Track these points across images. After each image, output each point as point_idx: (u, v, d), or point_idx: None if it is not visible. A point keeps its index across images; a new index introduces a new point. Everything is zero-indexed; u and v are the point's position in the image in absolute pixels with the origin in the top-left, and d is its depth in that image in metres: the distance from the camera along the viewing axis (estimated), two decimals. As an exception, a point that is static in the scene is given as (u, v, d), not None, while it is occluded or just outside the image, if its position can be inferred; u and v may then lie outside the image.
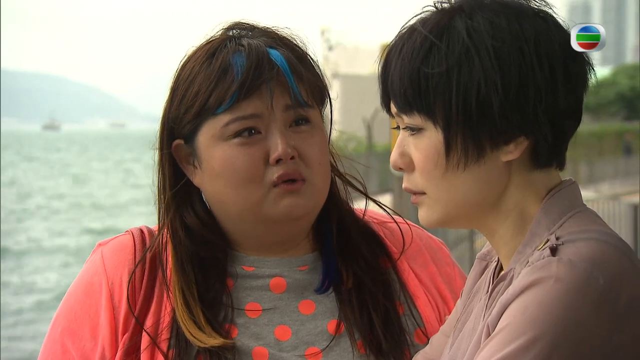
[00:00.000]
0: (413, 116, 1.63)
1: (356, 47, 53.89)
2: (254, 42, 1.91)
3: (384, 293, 1.97)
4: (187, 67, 1.92)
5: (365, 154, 31.62)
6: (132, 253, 1.97)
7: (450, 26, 1.61)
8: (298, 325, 1.94)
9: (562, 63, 1.61)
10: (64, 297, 1.99)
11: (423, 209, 1.67)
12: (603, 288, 1.51)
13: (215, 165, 1.89)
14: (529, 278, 1.53)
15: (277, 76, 1.88)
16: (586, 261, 1.52)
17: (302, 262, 1.98)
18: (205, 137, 1.90)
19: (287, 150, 1.87)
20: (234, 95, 1.86)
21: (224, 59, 1.88)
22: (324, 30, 57.16)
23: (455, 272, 2.09)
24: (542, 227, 1.62)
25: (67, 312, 1.96)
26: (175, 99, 1.92)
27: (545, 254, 1.55)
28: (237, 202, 1.89)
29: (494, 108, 1.58)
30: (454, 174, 1.62)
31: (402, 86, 1.63)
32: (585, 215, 1.64)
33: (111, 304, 1.93)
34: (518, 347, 1.49)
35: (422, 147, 1.64)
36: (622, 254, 1.56)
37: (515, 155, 1.62)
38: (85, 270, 1.99)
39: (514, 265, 1.63)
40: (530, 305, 1.51)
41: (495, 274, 1.74)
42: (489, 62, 1.58)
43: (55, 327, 1.97)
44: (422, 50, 1.61)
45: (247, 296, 1.95)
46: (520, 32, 1.60)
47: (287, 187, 1.88)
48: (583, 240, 1.56)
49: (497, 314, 1.57)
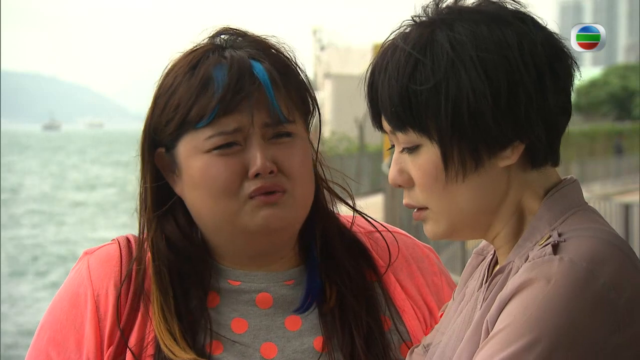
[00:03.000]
0: (408, 133, 1.64)
1: (348, 47, 53.89)
2: (237, 53, 1.88)
3: (368, 309, 1.95)
4: (169, 77, 1.90)
5: (357, 154, 31.60)
6: (118, 264, 1.94)
7: (433, 40, 1.61)
8: (284, 342, 1.91)
9: (547, 63, 1.62)
10: (49, 306, 1.97)
11: (428, 224, 1.68)
12: (603, 288, 1.51)
13: (194, 175, 1.87)
14: (529, 274, 1.54)
15: (258, 91, 1.85)
16: (587, 261, 1.52)
17: (288, 276, 1.96)
18: (186, 147, 1.88)
19: (265, 165, 1.85)
20: (215, 110, 1.84)
21: (205, 72, 1.86)
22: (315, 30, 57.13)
23: (443, 280, 2.06)
24: (543, 222, 1.63)
25: (52, 322, 1.94)
26: (157, 108, 1.90)
27: (547, 251, 1.55)
28: (215, 213, 1.87)
29: (486, 117, 1.59)
30: (454, 186, 1.63)
31: (392, 105, 1.63)
32: (587, 213, 1.64)
33: (96, 316, 1.91)
34: (518, 349, 1.50)
35: (420, 163, 1.64)
36: (622, 253, 1.57)
37: (512, 160, 1.63)
38: (71, 280, 1.97)
39: (513, 258, 1.63)
40: (530, 305, 1.52)
41: (491, 266, 1.74)
42: (476, 72, 1.59)
43: (41, 336, 1.95)
44: (407, 67, 1.61)
45: (233, 311, 1.93)
46: (502, 38, 1.60)
47: (264, 198, 1.86)
48: (584, 238, 1.56)
49: (496, 310, 1.57)
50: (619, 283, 1.52)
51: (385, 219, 15.47)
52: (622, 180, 32.75)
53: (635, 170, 31.60)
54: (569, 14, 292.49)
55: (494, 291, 1.63)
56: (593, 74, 61.94)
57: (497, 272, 1.66)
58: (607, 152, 37.60)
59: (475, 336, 1.62)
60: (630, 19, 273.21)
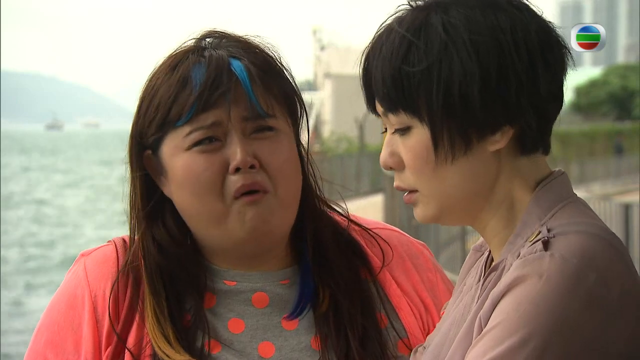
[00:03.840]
0: (399, 115, 1.65)
1: (348, 47, 53.85)
2: (216, 52, 1.89)
3: (363, 309, 1.95)
4: (152, 80, 1.92)
5: (357, 154, 31.60)
6: (115, 265, 1.94)
7: (427, 23, 1.63)
8: (282, 341, 1.92)
9: (540, 50, 1.63)
10: (46, 308, 1.97)
11: (418, 206, 1.69)
12: (594, 284, 1.52)
13: (178, 174, 1.88)
14: (521, 271, 1.55)
15: (235, 87, 1.86)
16: (577, 257, 1.53)
17: (283, 275, 1.96)
18: (169, 147, 1.88)
19: (245, 159, 1.85)
20: (193, 107, 1.85)
21: (184, 71, 1.87)
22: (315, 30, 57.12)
23: (437, 277, 2.07)
24: (533, 218, 1.64)
25: (50, 325, 1.94)
26: (141, 111, 1.91)
27: (538, 248, 1.56)
28: (200, 213, 1.88)
29: (476, 100, 1.61)
30: (443, 168, 1.64)
31: (385, 87, 1.65)
32: (576, 206, 1.65)
33: (94, 317, 1.91)
34: (511, 345, 1.51)
35: (411, 145, 1.66)
36: (612, 247, 1.57)
37: (502, 144, 1.64)
38: (67, 282, 1.97)
39: (506, 256, 1.64)
40: (522, 302, 1.52)
41: (487, 263, 1.75)
42: (467, 55, 1.61)
43: (38, 339, 1.95)
44: (401, 50, 1.63)
45: (229, 311, 1.93)
46: (496, 23, 1.62)
47: (247, 198, 1.86)
48: (574, 233, 1.57)
49: (489, 307, 1.58)
50: (610, 278, 1.53)
51: (385, 219, 15.47)
52: (622, 180, 32.75)
53: (635, 170, 31.62)
54: (569, 14, 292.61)
55: (488, 288, 1.64)
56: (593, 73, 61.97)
57: (491, 270, 1.66)
58: (607, 152, 37.60)
59: (469, 333, 1.63)
60: (630, 19, 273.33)
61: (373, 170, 28.80)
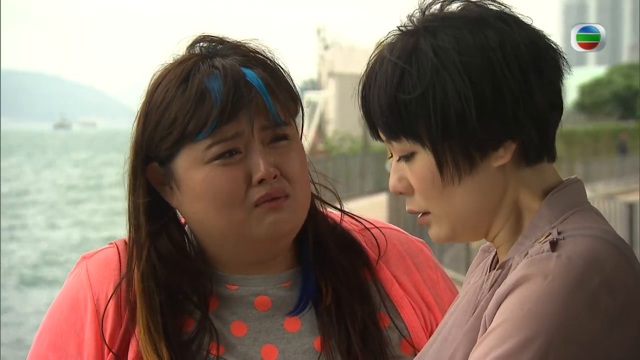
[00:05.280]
0: (401, 142, 1.67)
1: (352, 46, 53.92)
2: (227, 62, 1.87)
3: (364, 307, 1.95)
4: (159, 91, 1.88)
5: (361, 153, 31.62)
6: (118, 268, 1.93)
7: (417, 49, 1.64)
8: (284, 344, 1.91)
9: (532, 62, 1.63)
10: (48, 311, 1.96)
11: (432, 228, 1.70)
12: (599, 288, 1.52)
13: (196, 187, 1.86)
14: (527, 271, 1.55)
15: (255, 98, 1.85)
16: (584, 259, 1.53)
17: (284, 278, 1.96)
18: (186, 161, 1.86)
19: (269, 170, 1.85)
20: (215, 121, 1.83)
21: (199, 84, 1.84)
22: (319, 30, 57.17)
23: (438, 275, 2.07)
24: (544, 220, 1.64)
25: (52, 327, 1.93)
26: (149, 124, 1.88)
27: (545, 248, 1.57)
28: (220, 224, 1.87)
29: (473, 120, 1.61)
30: (451, 190, 1.65)
31: (384, 116, 1.66)
32: (588, 213, 1.65)
33: (97, 319, 1.90)
34: (515, 345, 1.51)
35: (416, 170, 1.67)
36: (621, 253, 1.57)
37: (505, 160, 1.64)
38: (69, 285, 1.96)
39: (513, 255, 1.64)
40: (526, 301, 1.53)
41: (493, 262, 1.75)
42: (460, 78, 1.61)
43: (41, 341, 1.94)
44: (394, 78, 1.64)
45: (231, 315, 1.92)
46: (485, 42, 1.62)
47: (269, 205, 1.86)
48: (583, 236, 1.57)
49: (494, 306, 1.58)
50: (615, 283, 1.53)
51: (390, 219, 15.47)
52: (626, 179, 32.75)
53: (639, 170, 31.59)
54: (573, 14, 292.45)
55: (493, 287, 1.64)
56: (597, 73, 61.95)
57: (498, 269, 1.67)
58: (610, 152, 37.59)
59: (473, 331, 1.63)
60: (635, 18, 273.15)
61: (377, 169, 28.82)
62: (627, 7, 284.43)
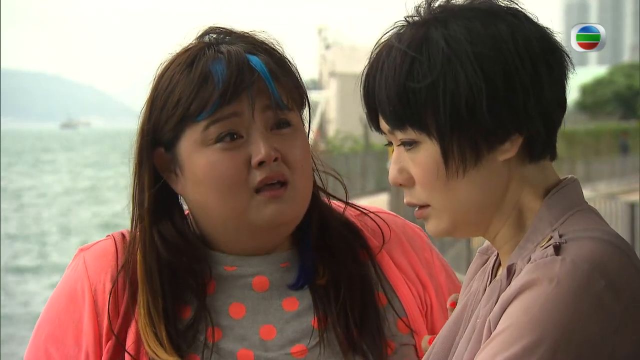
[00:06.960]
0: (407, 131, 1.64)
1: (353, 45, 53.90)
2: (233, 48, 1.90)
3: (362, 288, 1.97)
4: (165, 76, 1.91)
5: (362, 152, 31.61)
6: (115, 259, 1.95)
7: (428, 38, 1.62)
8: (283, 324, 1.93)
9: (542, 56, 1.63)
10: (46, 303, 1.98)
11: (430, 221, 1.68)
12: (604, 290, 1.51)
13: (198, 171, 1.88)
14: (531, 275, 1.54)
15: (257, 82, 1.87)
16: (588, 262, 1.53)
17: (283, 259, 1.97)
18: (188, 143, 1.89)
19: (270, 153, 1.86)
20: (216, 102, 1.86)
21: (203, 67, 1.87)
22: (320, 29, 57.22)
23: (433, 256, 2.09)
24: (544, 223, 1.63)
25: (50, 319, 1.95)
26: (155, 108, 1.91)
27: (549, 252, 1.55)
28: (221, 209, 1.89)
29: (483, 111, 1.60)
30: (455, 182, 1.63)
31: (391, 104, 1.63)
32: (587, 214, 1.64)
33: (95, 310, 1.92)
34: (521, 350, 1.49)
35: (420, 160, 1.65)
36: (623, 254, 1.57)
37: (512, 153, 1.63)
38: (67, 276, 1.97)
39: (516, 260, 1.63)
40: (532, 306, 1.51)
41: (494, 267, 1.74)
42: (471, 67, 1.60)
43: (39, 333, 1.95)
44: (404, 66, 1.62)
45: (229, 297, 1.94)
46: (497, 33, 1.61)
47: (270, 193, 1.87)
48: (586, 239, 1.57)
49: (499, 311, 1.57)
50: (619, 284, 1.53)
51: (390, 218, 15.45)
52: (628, 179, 32.73)
53: None
54: (574, 13, 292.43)
55: (497, 292, 1.63)
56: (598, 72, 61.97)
57: (501, 274, 1.66)
58: (612, 151, 37.59)
59: (477, 336, 1.62)
60: (636, 18, 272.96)
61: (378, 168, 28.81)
62: (628, 6, 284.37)
